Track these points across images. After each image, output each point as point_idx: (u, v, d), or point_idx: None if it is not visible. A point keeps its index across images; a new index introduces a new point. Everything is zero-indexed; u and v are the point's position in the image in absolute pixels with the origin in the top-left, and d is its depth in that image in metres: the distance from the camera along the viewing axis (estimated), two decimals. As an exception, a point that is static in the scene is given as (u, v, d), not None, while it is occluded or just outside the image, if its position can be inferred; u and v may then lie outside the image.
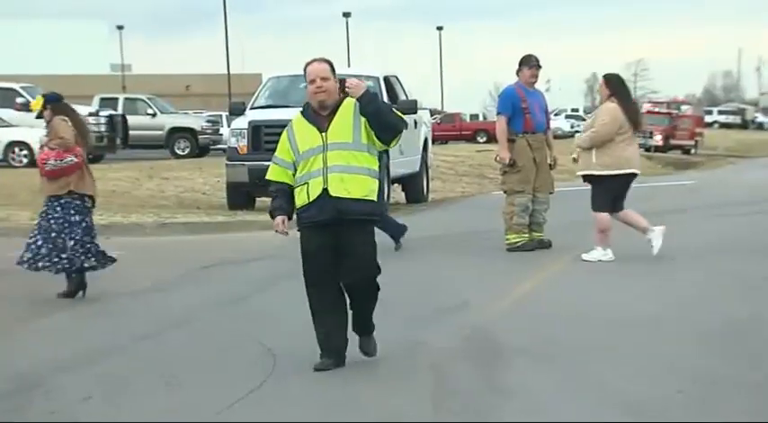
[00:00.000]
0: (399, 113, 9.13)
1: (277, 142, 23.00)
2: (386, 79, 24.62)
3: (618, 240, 15.63)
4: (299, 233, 9.00)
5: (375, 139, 8.92)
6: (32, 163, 35.60)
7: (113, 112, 42.58)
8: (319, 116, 8.88)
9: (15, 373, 9.62)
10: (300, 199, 8.87)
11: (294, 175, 8.93)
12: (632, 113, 14.71)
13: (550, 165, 16.54)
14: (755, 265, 14.29)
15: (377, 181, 9.02)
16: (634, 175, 15.00)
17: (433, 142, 36.59)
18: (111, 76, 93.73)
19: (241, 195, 22.82)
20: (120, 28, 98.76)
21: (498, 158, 16.20)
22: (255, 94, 24.53)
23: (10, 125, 37.37)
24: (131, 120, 43.89)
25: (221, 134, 46.75)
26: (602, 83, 14.92)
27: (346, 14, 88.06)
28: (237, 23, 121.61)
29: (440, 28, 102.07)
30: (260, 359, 9.67)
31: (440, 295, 12.73)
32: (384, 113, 8.91)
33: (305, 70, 8.96)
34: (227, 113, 34.17)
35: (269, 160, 22.61)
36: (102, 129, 39.65)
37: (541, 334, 10.53)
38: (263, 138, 22.24)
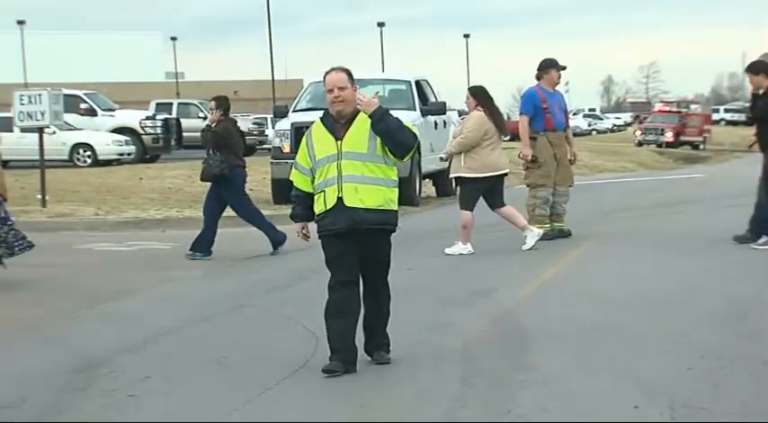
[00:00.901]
0: (412, 128, 8.51)
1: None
2: (417, 83, 24.53)
3: (629, 228, 15.59)
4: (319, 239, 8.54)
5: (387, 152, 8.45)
6: (95, 163, 36.01)
7: (168, 116, 42.76)
8: (337, 124, 8.35)
9: (84, 352, 9.66)
10: (318, 206, 8.38)
11: (312, 182, 8.41)
12: (497, 121, 14.74)
13: (570, 160, 16.49)
14: (757, 252, 14.20)
15: (395, 190, 8.47)
16: (503, 176, 14.96)
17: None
18: (166, 83, 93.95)
19: (285, 191, 22.29)
20: (173, 39, 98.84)
21: (521, 155, 16.14)
22: (297, 98, 24.54)
23: (75, 128, 37.53)
24: (184, 122, 44.00)
25: (266, 135, 46.72)
26: (468, 95, 14.93)
27: (381, 24, 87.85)
28: (281, 33, 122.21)
29: (466, 35, 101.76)
30: (303, 341, 9.65)
31: (470, 281, 12.73)
32: (394, 131, 8.26)
33: (324, 79, 8.47)
34: (272, 116, 34.09)
35: (311, 158, 23.01)
36: (158, 131, 39.83)
37: (561, 316, 10.49)
38: (304, 138, 22.24)
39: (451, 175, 15.32)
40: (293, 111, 23.69)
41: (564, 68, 16.40)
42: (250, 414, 7.59)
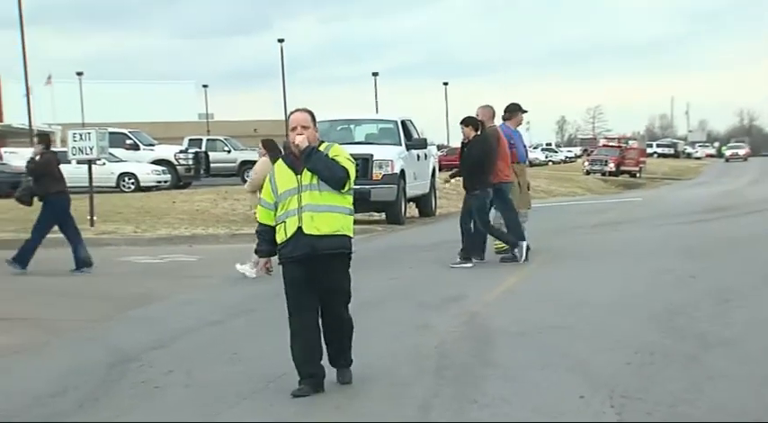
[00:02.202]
0: (344, 163, 7.50)
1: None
2: (402, 122, 24.32)
3: (578, 243, 15.42)
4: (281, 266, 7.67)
5: None
6: (138, 189, 36.01)
7: (198, 150, 42.88)
8: (297, 160, 7.51)
9: (119, 349, 9.47)
10: (280, 236, 7.52)
11: (275, 215, 7.61)
12: None
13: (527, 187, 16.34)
14: (685, 264, 14.03)
15: (350, 217, 7.61)
16: None
17: (440, 170, 36.47)
18: (198, 123, 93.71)
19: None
20: (205, 86, 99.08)
21: None
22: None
23: (121, 160, 37.73)
24: (212, 155, 44.22)
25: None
26: (261, 146, 14.72)
27: (375, 74, 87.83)
28: (293, 80, 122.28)
29: (446, 83, 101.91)
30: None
31: (444, 288, 12.49)
32: (321, 168, 7.38)
33: (288, 118, 7.70)
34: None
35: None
36: (190, 162, 40.15)
37: (522, 318, 10.28)
38: (309, 168, 22.08)
39: (251, 211, 15.01)
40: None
41: (526, 112, 16.26)
42: (256, 401, 7.40)
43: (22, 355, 9.56)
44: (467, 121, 14.57)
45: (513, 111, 16.08)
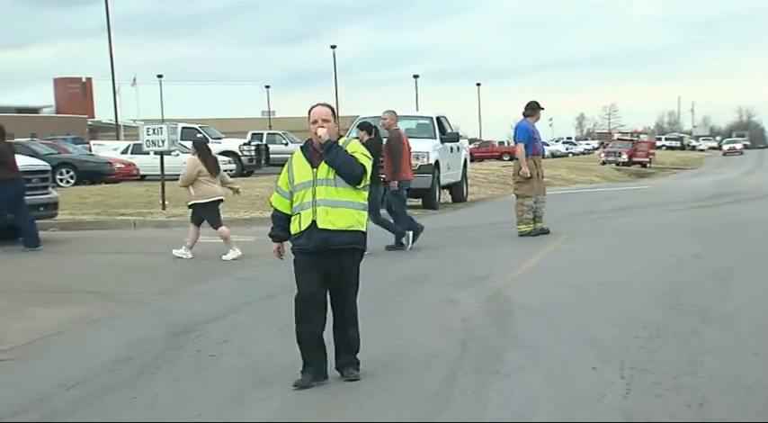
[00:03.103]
0: (361, 159, 6.78)
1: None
2: (437, 118, 23.95)
3: (593, 227, 15.12)
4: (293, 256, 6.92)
5: None
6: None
7: (259, 143, 42.82)
8: (315, 153, 6.79)
9: (181, 321, 9.29)
10: (294, 227, 6.78)
11: (291, 204, 6.86)
12: (209, 163, 14.09)
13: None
14: (689, 246, 13.64)
15: (363, 213, 6.85)
16: (220, 200, 14.34)
17: (472, 160, 36.22)
18: (261, 119, 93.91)
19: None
20: (267, 87, 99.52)
21: (521, 172, 15.54)
22: (349, 129, 24.14)
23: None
24: (272, 147, 44.14)
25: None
26: (192, 148, 14.36)
27: (415, 76, 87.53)
28: (345, 81, 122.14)
29: (478, 84, 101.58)
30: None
31: (471, 267, 12.21)
32: (339, 163, 6.69)
33: (309, 112, 6.94)
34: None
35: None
36: (252, 153, 40.05)
37: (540, 295, 10.00)
38: (354, 159, 21.91)
39: (187, 203, 14.68)
40: (347, 137, 23.16)
41: (544, 109, 15.95)
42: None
43: (96, 326, 9.43)
44: (361, 126, 14.29)
45: (534, 108, 15.78)
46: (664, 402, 6.06)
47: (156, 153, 22.61)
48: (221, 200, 14.49)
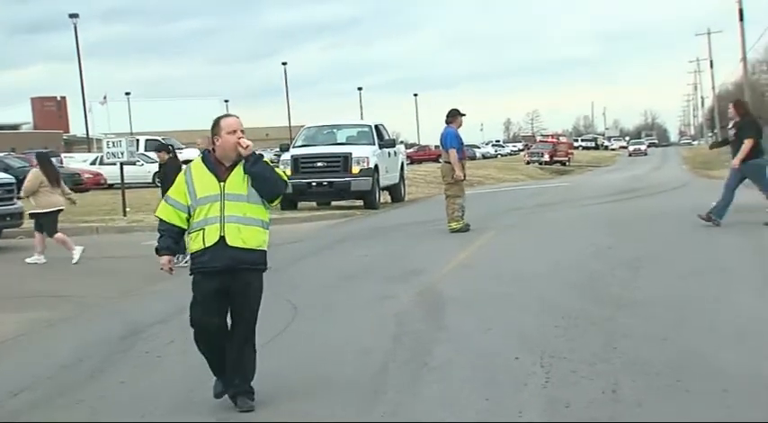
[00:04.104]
0: (283, 176, 5.81)
1: (308, 168, 22.26)
2: (375, 126, 23.59)
3: (519, 221, 14.84)
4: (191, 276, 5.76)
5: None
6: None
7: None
8: (221, 166, 5.63)
9: (132, 322, 8.79)
10: (196, 244, 5.58)
11: (187, 219, 5.69)
12: (50, 175, 13.56)
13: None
14: (604, 238, 13.42)
15: (267, 232, 5.75)
16: (60, 210, 13.76)
17: (411, 163, 36.08)
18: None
19: (288, 201, 21.79)
20: (226, 101, 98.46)
21: (455, 176, 15.14)
22: (295, 138, 23.74)
23: (155, 161, 36.89)
24: (230, 156, 43.47)
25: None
26: (35, 161, 13.91)
27: (359, 88, 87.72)
28: (298, 95, 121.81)
29: (416, 94, 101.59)
30: (286, 311, 8.79)
31: (406, 263, 11.82)
32: (266, 177, 5.64)
33: (218, 123, 5.69)
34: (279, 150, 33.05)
35: (305, 179, 22.10)
36: (211, 162, 39.37)
37: (470, 288, 9.69)
38: (300, 165, 21.46)
39: (29, 212, 14.10)
40: (293, 147, 22.78)
41: (465, 115, 15.59)
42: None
43: (53, 329, 8.90)
44: (158, 148, 14.06)
45: (454, 115, 15.45)
46: (581, 389, 5.75)
47: (122, 164, 21.99)
48: (61, 209, 13.86)
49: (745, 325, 7.34)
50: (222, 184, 5.63)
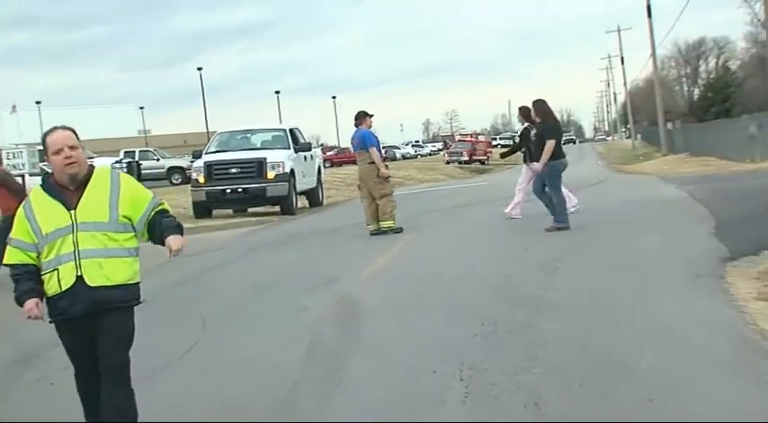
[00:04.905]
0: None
1: (222, 175, 21.64)
2: (290, 130, 23.17)
3: (436, 223, 14.61)
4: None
5: (135, 217, 4.80)
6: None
7: (131, 160, 41.38)
8: (66, 191, 4.71)
9: (26, 346, 8.14)
10: (51, 287, 4.66)
11: (39, 257, 4.71)
12: None
13: None
14: (521, 238, 13.22)
15: (138, 259, 4.86)
16: None
17: (331, 166, 35.59)
18: (138, 137, 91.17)
19: (202, 209, 21.16)
20: (141, 108, 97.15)
21: (381, 173, 14.83)
22: (208, 144, 23.10)
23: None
24: (144, 163, 43.00)
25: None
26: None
27: (277, 92, 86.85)
28: (216, 100, 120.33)
29: (334, 97, 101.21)
30: (194, 326, 8.32)
31: (323, 271, 11.40)
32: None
33: (45, 141, 4.84)
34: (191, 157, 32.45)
35: (219, 186, 21.49)
36: (124, 170, 38.62)
37: (388, 295, 9.33)
38: (213, 171, 20.87)
39: None
40: (205, 153, 22.16)
41: (372, 115, 15.35)
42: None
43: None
44: None
45: (362, 116, 15.20)
46: (501, 404, 5.44)
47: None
48: None
49: (664, 324, 7.14)
50: (72, 212, 4.68)
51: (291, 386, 6.11)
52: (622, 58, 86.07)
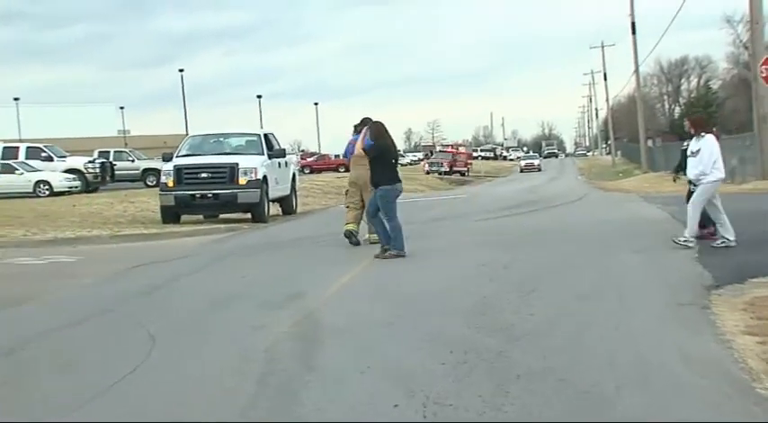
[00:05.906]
0: None
1: (192, 179, 21.00)
2: (265, 135, 22.60)
3: (412, 237, 14.08)
4: None
5: None
6: (52, 194, 33.53)
7: (104, 160, 40.67)
8: None
9: None
10: None
11: None
12: None
13: None
14: (499, 256, 12.66)
15: None
16: None
17: (310, 172, 34.88)
18: (117, 137, 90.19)
19: (170, 214, 20.47)
20: (121, 108, 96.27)
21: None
22: (179, 148, 22.42)
23: (36, 170, 35.50)
24: (119, 164, 42.40)
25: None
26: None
27: (259, 96, 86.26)
28: (197, 102, 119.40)
29: (316, 103, 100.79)
30: (142, 344, 7.69)
31: (286, 285, 10.79)
32: None
33: None
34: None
35: (189, 191, 20.85)
36: (97, 171, 38.12)
37: (353, 314, 8.75)
38: (183, 176, 20.21)
39: None
40: (176, 156, 21.49)
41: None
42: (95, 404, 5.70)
43: None
44: None
45: (367, 122, 14.65)
46: (466, 448, 4.90)
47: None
48: None
49: (645, 356, 6.63)
50: None
51: (239, 416, 5.55)
52: (605, 74, 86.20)
